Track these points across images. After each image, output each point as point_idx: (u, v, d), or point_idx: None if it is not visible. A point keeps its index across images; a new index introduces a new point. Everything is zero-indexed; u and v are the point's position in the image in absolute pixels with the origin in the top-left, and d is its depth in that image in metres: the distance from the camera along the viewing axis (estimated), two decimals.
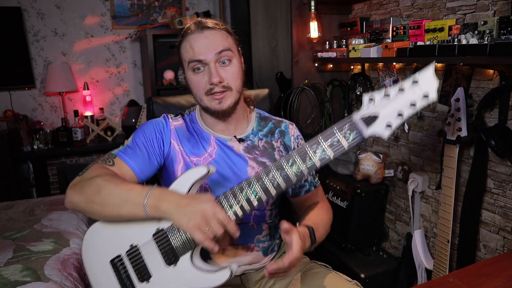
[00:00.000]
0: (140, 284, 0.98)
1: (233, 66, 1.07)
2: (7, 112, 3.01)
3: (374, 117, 0.79)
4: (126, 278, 0.99)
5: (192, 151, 1.13)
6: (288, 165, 0.87)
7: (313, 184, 1.22)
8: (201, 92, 1.07)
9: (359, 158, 2.13)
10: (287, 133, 1.21)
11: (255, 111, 1.25)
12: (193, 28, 1.06)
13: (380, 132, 0.80)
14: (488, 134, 1.48)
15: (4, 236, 1.67)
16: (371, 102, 0.80)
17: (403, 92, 0.77)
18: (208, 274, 0.93)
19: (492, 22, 1.34)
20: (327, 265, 1.17)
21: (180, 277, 0.95)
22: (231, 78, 1.06)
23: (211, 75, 1.03)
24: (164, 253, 0.96)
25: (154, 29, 3.07)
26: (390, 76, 2.04)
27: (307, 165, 0.86)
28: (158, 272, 0.97)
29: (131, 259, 0.99)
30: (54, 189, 3.30)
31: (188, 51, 1.06)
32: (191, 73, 1.07)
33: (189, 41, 1.06)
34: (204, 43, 1.04)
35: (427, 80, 0.77)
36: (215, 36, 1.05)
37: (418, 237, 1.87)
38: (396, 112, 0.77)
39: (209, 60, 1.04)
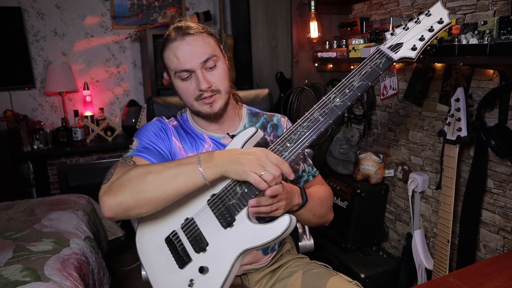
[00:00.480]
0: (197, 255, 0.96)
1: (218, 68, 1.07)
2: (7, 112, 3.01)
3: (399, 44, 0.90)
4: (182, 252, 0.97)
5: (190, 148, 1.14)
6: (330, 101, 0.92)
7: (311, 174, 1.22)
8: (190, 98, 1.08)
9: (359, 158, 2.13)
10: (280, 126, 1.22)
11: (245, 107, 1.25)
12: (173, 36, 1.04)
13: (408, 54, 0.90)
14: (488, 134, 1.48)
15: (4, 236, 1.67)
16: (393, 35, 0.91)
17: (420, 22, 0.90)
18: (267, 225, 0.91)
19: (492, 22, 1.33)
20: (327, 265, 1.17)
21: (238, 237, 0.93)
22: (218, 81, 1.07)
23: (199, 82, 1.04)
24: (220, 215, 0.95)
25: (154, 29, 3.07)
26: (390, 76, 2.04)
27: (348, 95, 0.91)
28: (215, 238, 0.95)
29: (186, 232, 0.98)
30: (54, 189, 3.30)
31: (173, 61, 1.05)
32: (179, 81, 1.08)
33: (172, 49, 1.05)
34: (187, 51, 1.03)
35: (438, 10, 0.93)
36: (197, 43, 1.04)
37: (418, 237, 1.87)
38: (417, 37, 0.89)
39: (195, 68, 1.04)
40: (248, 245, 0.91)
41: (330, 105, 0.91)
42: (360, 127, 2.31)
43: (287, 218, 0.90)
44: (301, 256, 1.25)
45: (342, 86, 0.92)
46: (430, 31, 0.89)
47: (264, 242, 0.90)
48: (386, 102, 2.11)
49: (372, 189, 2.08)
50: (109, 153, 3.43)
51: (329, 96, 0.92)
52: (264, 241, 0.90)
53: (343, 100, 0.90)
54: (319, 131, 0.91)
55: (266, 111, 1.30)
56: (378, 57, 0.91)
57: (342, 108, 0.90)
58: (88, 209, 2.11)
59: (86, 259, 1.63)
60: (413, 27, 0.91)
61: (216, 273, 0.92)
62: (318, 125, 0.91)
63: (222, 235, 0.94)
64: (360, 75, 0.91)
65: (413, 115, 1.93)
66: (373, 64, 0.90)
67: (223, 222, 0.94)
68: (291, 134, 0.94)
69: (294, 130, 0.94)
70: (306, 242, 1.42)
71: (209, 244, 0.96)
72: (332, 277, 1.09)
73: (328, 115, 0.91)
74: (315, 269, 1.14)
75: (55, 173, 3.27)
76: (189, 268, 0.96)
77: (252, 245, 0.91)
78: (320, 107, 0.92)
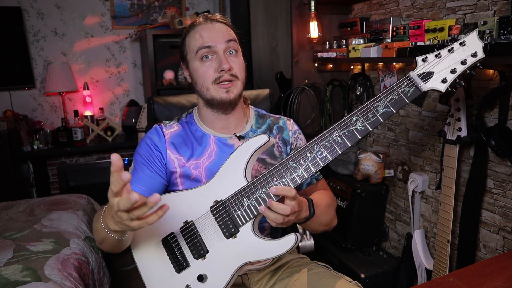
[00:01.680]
0: (196, 261, 0.95)
1: (239, 57, 1.10)
2: (7, 112, 3.01)
3: (430, 73, 0.86)
4: (180, 255, 0.96)
5: (190, 155, 1.13)
6: (351, 123, 0.88)
7: (314, 177, 1.22)
8: (208, 81, 1.07)
9: (359, 158, 2.13)
10: (286, 128, 1.22)
11: (252, 108, 1.25)
12: (201, 20, 1.10)
13: (438, 86, 0.86)
14: (488, 134, 1.48)
15: (4, 236, 1.67)
16: (425, 61, 0.87)
17: (453, 52, 0.85)
18: (272, 241, 0.90)
19: (492, 22, 1.33)
20: (327, 265, 1.17)
21: (240, 249, 0.91)
22: (238, 68, 1.09)
23: (222, 62, 1.05)
24: (223, 225, 0.93)
25: (154, 29, 3.07)
26: (390, 76, 2.04)
27: (370, 121, 0.88)
28: (216, 247, 0.93)
29: (186, 236, 0.97)
30: (54, 189, 3.30)
31: (198, 39, 1.07)
32: (198, 62, 1.08)
33: (198, 31, 1.08)
34: (213, 32, 1.07)
35: (473, 41, 0.87)
36: (222, 28, 1.09)
37: (418, 237, 1.87)
38: (449, 68, 0.85)
39: (218, 48, 1.06)
40: (251, 258, 0.90)
41: (351, 128, 0.87)
42: None
43: (293, 238, 0.89)
44: (301, 256, 1.25)
45: (366, 109, 0.88)
46: (463, 63, 0.85)
47: (267, 258, 0.90)
48: None
49: (372, 189, 2.08)
50: (109, 153, 3.43)
51: (350, 118, 0.89)
52: (267, 257, 0.90)
53: (364, 125, 0.87)
54: (336, 153, 0.88)
55: (266, 111, 1.30)
56: (407, 84, 0.87)
57: (363, 133, 0.87)
58: (88, 209, 2.11)
59: (86, 259, 1.63)
60: (446, 57, 0.86)
61: (215, 283, 0.92)
62: (337, 146, 0.88)
63: (224, 245, 0.93)
64: (386, 100, 0.88)
65: (413, 115, 1.93)
66: (400, 91, 0.87)
67: (226, 233, 0.93)
68: (307, 151, 0.91)
69: (310, 148, 0.91)
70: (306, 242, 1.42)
71: (209, 251, 0.94)
72: (332, 277, 1.09)
73: (348, 138, 0.87)
74: (315, 269, 1.14)
75: (55, 173, 3.27)
76: (186, 274, 0.95)
77: (254, 259, 0.90)
78: (340, 128, 0.89)
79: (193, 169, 1.11)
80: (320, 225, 1.10)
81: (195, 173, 1.11)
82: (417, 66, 0.89)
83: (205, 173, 1.11)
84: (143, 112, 2.59)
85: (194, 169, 1.11)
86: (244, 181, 0.96)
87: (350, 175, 2.20)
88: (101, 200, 2.58)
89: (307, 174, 0.91)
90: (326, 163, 0.89)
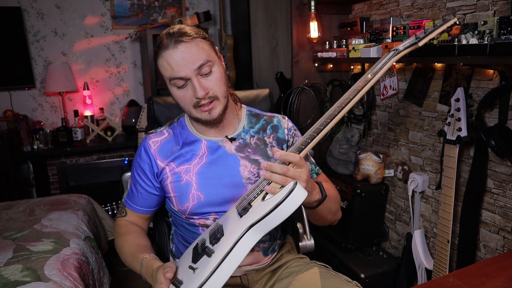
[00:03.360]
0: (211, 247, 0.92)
1: (214, 74, 1.04)
2: (7, 112, 3.02)
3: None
4: (200, 248, 0.96)
5: (181, 160, 1.13)
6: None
7: (314, 172, 1.21)
8: (188, 106, 1.06)
9: (359, 158, 2.13)
10: (280, 126, 1.21)
11: (244, 108, 1.24)
12: (165, 43, 1.02)
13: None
14: (488, 134, 1.48)
15: (4, 236, 1.67)
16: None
17: None
18: (273, 197, 0.87)
19: (492, 22, 1.33)
20: (327, 266, 1.17)
21: (248, 218, 0.89)
22: (215, 87, 1.05)
23: (196, 90, 1.01)
24: (240, 207, 0.96)
25: (154, 29, 3.07)
26: (390, 76, 2.04)
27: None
28: (230, 227, 0.93)
29: (210, 232, 1.00)
30: (54, 189, 3.30)
31: (167, 69, 1.02)
32: (175, 88, 1.06)
33: (165, 58, 1.02)
34: (181, 59, 1.00)
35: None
36: (190, 50, 1.01)
37: (418, 237, 1.87)
38: None
39: (190, 75, 1.01)
40: (253, 219, 0.86)
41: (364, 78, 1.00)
42: (360, 127, 2.31)
43: (290, 184, 0.84)
44: (301, 256, 1.25)
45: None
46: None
47: (267, 211, 0.83)
48: (386, 102, 2.11)
49: (372, 189, 2.08)
50: (109, 153, 3.44)
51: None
52: (266, 211, 0.83)
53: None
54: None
55: (266, 111, 1.30)
56: (393, 54, 1.09)
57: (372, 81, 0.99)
58: (88, 209, 2.11)
59: (86, 259, 1.63)
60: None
61: (218, 254, 0.88)
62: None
63: (237, 223, 0.92)
64: (373, 71, 0.99)
65: (413, 115, 1.93)
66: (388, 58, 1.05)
67: (240, 211, 0.93)
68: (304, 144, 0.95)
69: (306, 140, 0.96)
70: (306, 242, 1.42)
71: (224, 234, 0.93)
72: (332, 277, 1.09)
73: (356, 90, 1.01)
74: (315, 269, 1.13)
75: (55, 173, 3.27)
76: (200, 261, 0.93)
77: (256, 218, 0.85)
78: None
79: (184, 174, 1.12)
80: (330, 213, 1.10)
81: (186, 178, 1.11)
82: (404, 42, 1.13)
83: (195, 178, 1.11)
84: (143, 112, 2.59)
85: (185, 174, 1.12)
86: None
87: (350, 175, 2.20)
88: (101, 200, 2.59)
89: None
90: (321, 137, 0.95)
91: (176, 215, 1.18)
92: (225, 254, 0.85)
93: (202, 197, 1.10)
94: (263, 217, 0.84)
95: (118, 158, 3.41)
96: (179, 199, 1.12)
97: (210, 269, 0.84)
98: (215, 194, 1.10)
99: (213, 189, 1.10)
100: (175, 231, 1.24)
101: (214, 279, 0.84)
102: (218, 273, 0.84)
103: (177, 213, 1.16)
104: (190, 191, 1.11)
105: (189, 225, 1.15)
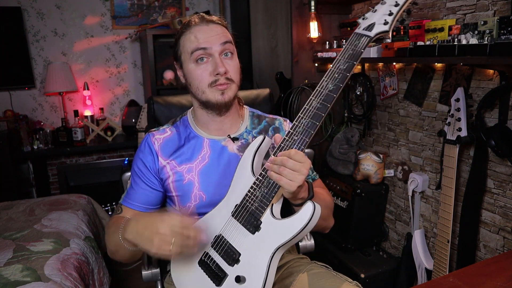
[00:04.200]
0: (232, 268, 0.95)
1: (234, 60, 1.09)
2: (7, 112, 3.01)
3: (371, 24, 0.96)
4: (216, 269, 0.96)
5: (183, 159, 1.13)
6: (324, 88, 0.95)
7: (311, 177, 1.22)
8: (203, 84, 1.06)
9: (359, 158, 2.13)
10: (281, 129, 1.22)
11: (247, 108, 1.24)
12: (197, 21, 1.07)
13: (382, 29, 0.94)
14: (488, 134, 1.48)
15: (4, 236, 1.67)
16: (364, 19, 0.98)
17: (385, 3, 0.96)
18: (292, 216, 0.90)
19: (492, 22, 1.34)
20: (327, 266, 1.17)
21: (268, 238, 0.92)
22: (233, 71, 1.07)
23: (217, 65, 1.04)
24: (246, 222, 0.95)
25: (154, 29, 3.07)
26: (390, 76, 2.04)
27: (338, 78, 0.93)
28: (245, 246, 0.94)
29: (217, 248, 0.98)
30: (54, 189, 3.30)
31: (193, 41, 1.05)
32: (193, 65, 1.06)
33: (193, 32, 1.06)
34: (209, 34, 1.05)
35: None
36: (219, 29, 1.07)
37: (418, 237, 1.87)
38: (387, 13, 0.95)
39: (214, 50, 1.04)
40: (279, 241, 0.90)
41: (325, 92, 0.94)
42: (360, 127, 2.31)
43: (310, 205, 0.89)
44: (301, 257, 1.25)
45: (331, 72, 0.95)
46: (396, 6, 0.96)
47: (294, 234, 0.88)
48: (386, 102, 2.11)
49: (372, 189, 2.08)
50: (109, 153, 3.44)
51: (321, 84, 0.95)
52: (293, 233, 0.88)
53: (335, 84, 0.93)
54: (321, 117, 0.94)
55: (267, 111, 1.30)
56: (356, 39, 0.96)
57: (336, 91, 0.93)
58: (88, 209, 2.11)
59: (86, 259, 1.63)
60: (380, 8, 0.96)
61: (253, 280, 0.91)
62: (319, 111, 0.94)
63: (252, 241, 0.93)
64: (344, 58, 0.95)
65: (413, 115, 1.93)
66: (353, 46, 0.95)
67: (250, 228, 0.94)
68: (296, 128, 0.96)
69: (297, 124, 0.96)
70: (306, 242, 1.42)
71: (241, 254, 0.95)
72: (332, 277, 1.09)
73: (325, 100, 0.94)
74: (315, 270, 1.13)
75: (55, 173, 3.27)
76: (226, 284, 0.95)
77: (282, 241, 0.89)
78: (316, 96, 0.95)
79: (186, 173, 1.12)
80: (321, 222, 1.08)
81: (188, 177, 1.11)
82: (359, 25, 0.98)
83: (198, 177, 1.11)
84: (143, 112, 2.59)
85: (187, 173, 1.12)
86: (254, 178, 0.98)
87: (350, 175, 2.20)
88: (101, 200, 2.59)
89: (302, 145, 0.93)
90: (315, 129, 0.93)
91: None
92: (264, 278, 0.89)
93: (204, 197, 1.10)
94: (289, 239, 0.89)
95: (118, 158, 3.41)
96: (181, 199, 1.12)
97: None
98: (217, 194, 1.09)
99: (215, 189, 1.10)
100: None
101: None
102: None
103: (179, 213, 1.16)
104: (193, 190, 1.11)
105: None
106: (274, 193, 0.92)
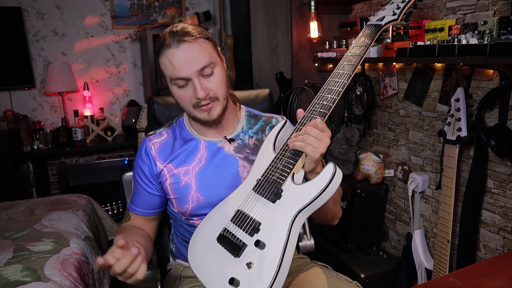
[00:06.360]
0: (251, 238, 0.91)
1: (216, 75, 1.04)
2: (7, 112, 3.02)
3: (382, 17, 1.08)
4: (236, 241, 0.93)
5: (179, 162, 1.13)
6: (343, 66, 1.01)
7: None
8: (188, 105, 1.06)
9: (359, 158, 2.13)
10: None
11: (243, 108, 1.24)
12: (168, 42, 1.00)
13: (392, 18, 1.05)
14: (488, 134, 1.48)
15: (4, 236, 1.67)
16: (374, 15, 1.10)
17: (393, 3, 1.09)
18: (313, 179, 0.88)
19: (492, 22, 1.34)
20: (327, 266, 1.17)
21: (289, 204, 0.90)
22: (216, 88, 1.04)
23: (196, 91, 1.01)
24: (267, 193, 0.93)
25: (154, 29, 3.07)
26: (390, 76, 2.04)
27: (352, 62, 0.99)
28: (267, 215, 0.92)
29: (236, 221, 0.96)
30: (54, 189, 3.30)
31: (169, 68, 1.02)
32: (175, 88, 1.06)
33: (167, 56, 1.01)
34: (183, 59, 1.00)
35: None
36: (192, 50, 1.00)
37: (418, 237, 1.87)
38: (395, 7, 1.07)
39: (191, 76, 1.01)
40: (300, 205, 0.87)
41: (346, 67, 1.00)
42: (360, 127, 2.31)
43: (331, 166, 0.87)
44: (301, 256, 1.25)
45: (346, 58, 1.02)
46: (403, 2, 1.08)
47: (315, 195, 0.85)
48: (386, 102, 2.11)
49: (372, 189, 2.08)
50: (109, 153, 3.44)
51: (339, 65, 1.01)
52: (314, 195, 0.86)
53: (351, 65, 1.00)
54: (344, 83, 0.98)
55: (267, 111, 1.30)
56: (368, 28, 1.07)
57: (353, 68, 0.99)
58: (88, 209, 2.10)
59: (86, 259, 1.63)
60: (389, 6, 1.09)
61: (274, 246, 0.87)
62: (342, 79, 0.98)
63: (273, 210, 0.91)
64: (359, 44, 1.02)
65: (413, 115, 1.93)
66: (366, 33, 1.05)
67: (271, 197, 0.91)
68: (314, 105, 1.00)
69: (316, 101, 1.00)
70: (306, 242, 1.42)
71: (261, 223, 0.92)
72: (332, 277, 1.09)
73: (346, 73, 0.99)
74: (315, 269, 1.13)
75: (55, 173, 3.27)
76: (245, 254, 0.91)
77: (303, 203, 0.87)
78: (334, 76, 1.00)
79: (183, 176, 1.12)
80: (333, 204, 1.07)
81: (185, 179, 1.11)
82: (370, 19, 1.09)
83: (195, 179, 1.11)
84: (143, 112, 2.59)
85: (184, 176, 1.12)
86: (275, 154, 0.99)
87: (350, 175, 2.20)
88: (101, 200, 2.59)
89: (332, 103, 0.96)
90: (335, 102, 0.97)
91: (176, 216, 1.18)
92: (284, 242, 0.86)
93: (202, 198, 1.10)
94: (311, 201, 0.86)
95: (118, 158, 3.41)
96: (179, 201, 1.12)
97: (276, 261, 0.84)
98: (214, 195, 1.09)
99: (213, 191, 1.10)
100: (175, 231, 1.24)
101: (282, 271, 0.84)
102: (284, 264, 0.84)
103: (177, 215, 1.16)
104: (190, 193, 1.11)
105: (189, 226, 1.15)
106: (295, 161, 0.91)
